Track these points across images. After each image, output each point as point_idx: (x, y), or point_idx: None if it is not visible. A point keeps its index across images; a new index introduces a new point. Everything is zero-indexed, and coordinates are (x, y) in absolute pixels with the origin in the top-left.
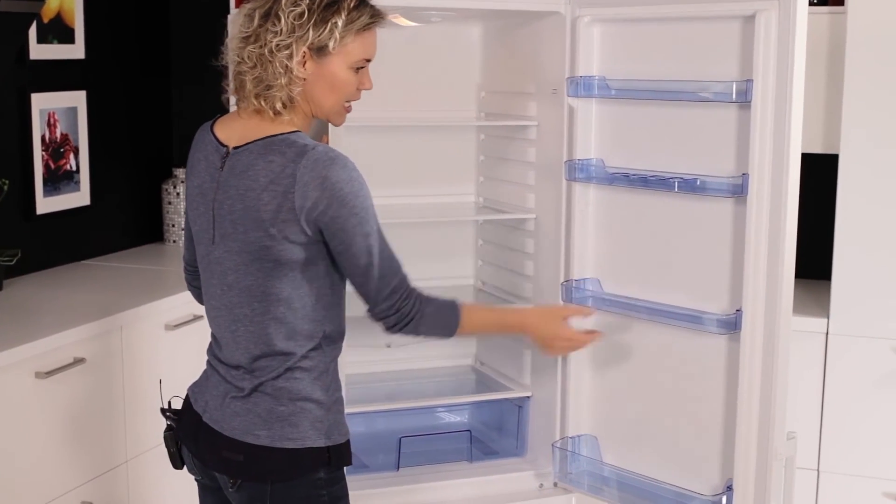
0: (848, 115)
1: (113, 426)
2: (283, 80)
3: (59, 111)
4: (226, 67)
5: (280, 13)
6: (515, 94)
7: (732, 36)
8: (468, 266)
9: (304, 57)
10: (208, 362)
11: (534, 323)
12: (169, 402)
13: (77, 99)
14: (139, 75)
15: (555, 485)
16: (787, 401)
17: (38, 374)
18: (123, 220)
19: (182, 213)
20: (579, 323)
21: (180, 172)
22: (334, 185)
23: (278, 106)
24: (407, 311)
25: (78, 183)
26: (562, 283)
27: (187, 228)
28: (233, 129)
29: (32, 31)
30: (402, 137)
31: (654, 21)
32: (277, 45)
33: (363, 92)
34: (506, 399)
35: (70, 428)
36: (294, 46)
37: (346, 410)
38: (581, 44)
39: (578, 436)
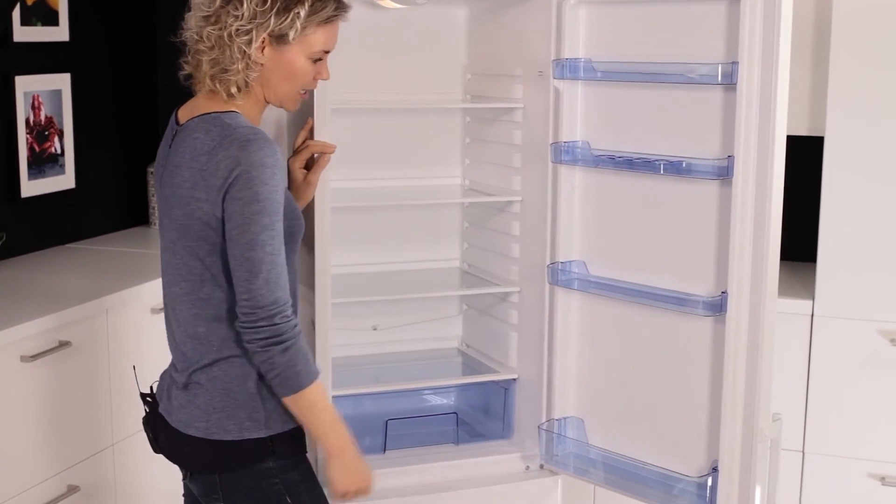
0: (833, 98)
1: (99, 409)
2: (241, 65)
3: (43, 94)
4: (183, 43)
5: None
6: (501, 77)
7: (718, 18)
8: (454, 249)
9: (263, 43)
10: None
11: (343, 462)
12: (151, 387)
13: (62, 81)
14: (124, 57)
15: (541, 467)
16: (773, 382)
17: (24, 358)
18: (109, 204)
19: None
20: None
21: None
22: (244, 167)
23: (233, 90)
24: (283, 332)
25: (63, 166)
26: (548, 266)
27: None
28: (189, 109)
29: (16, 14)
30: (388, 120)
31: (639, 3)
32: (237, 29)
33: (349, 76)
34: (492, 381)
35: (56, 411)
36: (254, 32)
37: (333, 393)
38: (567, 26)
39: (564, 418)
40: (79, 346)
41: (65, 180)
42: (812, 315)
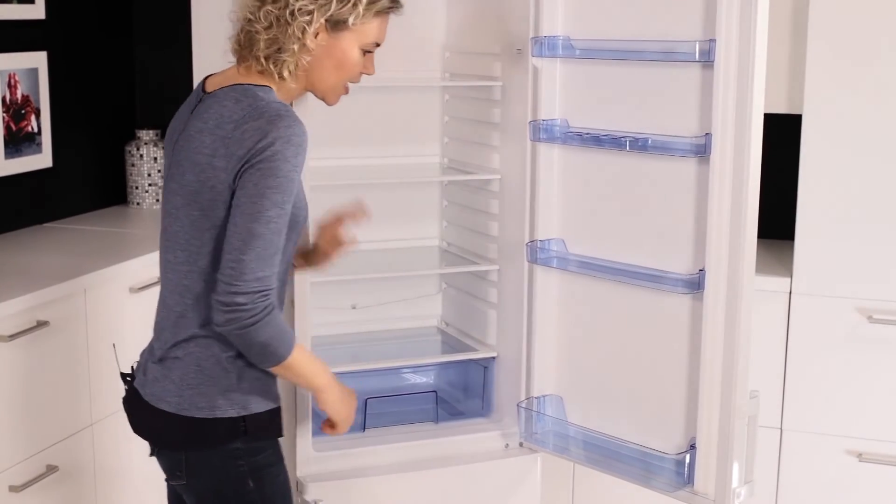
0: (811, 76)
1: (77, 389)
2: (296, 47)
3: (19, 72)
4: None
5: None
6: (480, 55)
7: None
8: (433, 227)
9: (319, 27)
10: None
11: (335, 397)
12: (132, 367)
13: (38, 60)
14: (101, 36)
15: (520, 445)
16: (750, 360)
17: (2, 338)
18: (86, 183)
19: (145, 175)
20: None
21: (143, 134)
22: (271, 140)
23: (285, 72)
24: (259, 310)
25: (40, 145)
26: (526, 244)
27: None
28: (219, 79)
29: None
30: (367, 98)
31: None
32: (300, 8)
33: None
34: (471, 360)
35: (34, 391)
36: (315, 14)
37: None
38: (545, 4)
39: (543, 396)
40: (57, 326)
41: (42, 159)
42: (790, 293)
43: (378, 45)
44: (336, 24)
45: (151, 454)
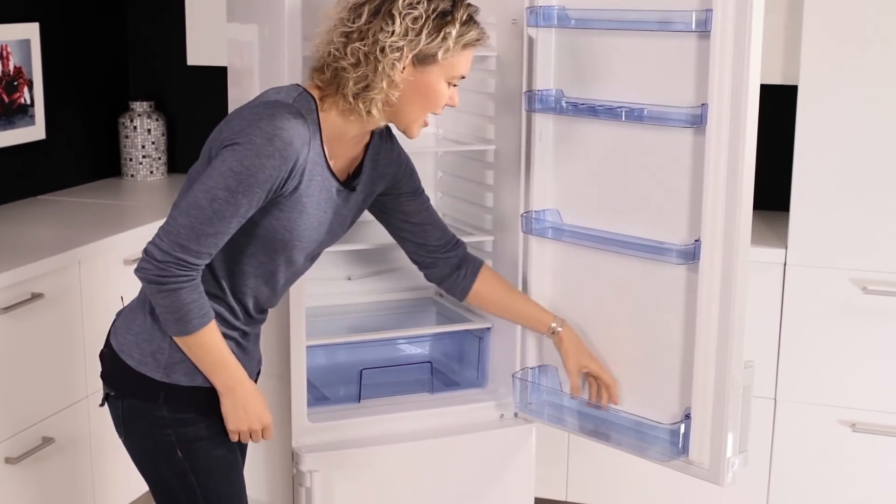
0: (807, 47)
1: (73, 361)
2: (384, 83)
3: (11, 44)
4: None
5: (395, 13)
6: None
7: None
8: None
9: (406, 63)
10: None
11: (229, 402)
12: None
13: (30, 31)
14: (93, 6)
15: (515, 415)
16: (745, 330)
17: None
18: (80, 155)
19: (139, 146)
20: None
21: (137, 106)
22: (246, 124)
23: (374, 111)
24: (168, 275)
25: (33, 117)
26: (521, 215)
27: None
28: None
29: None
30: None
31: None
32: (390, 45)
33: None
34: (466, 330)
35: (29, 363)
36: (405, 49)
37: (308, 343)
38: None
39: (538, 366)
40: (51, 298)
41: (35, 131)
42: (785, 264)
43: (463, 77)
44: (424, 59)
45: (101, 404)
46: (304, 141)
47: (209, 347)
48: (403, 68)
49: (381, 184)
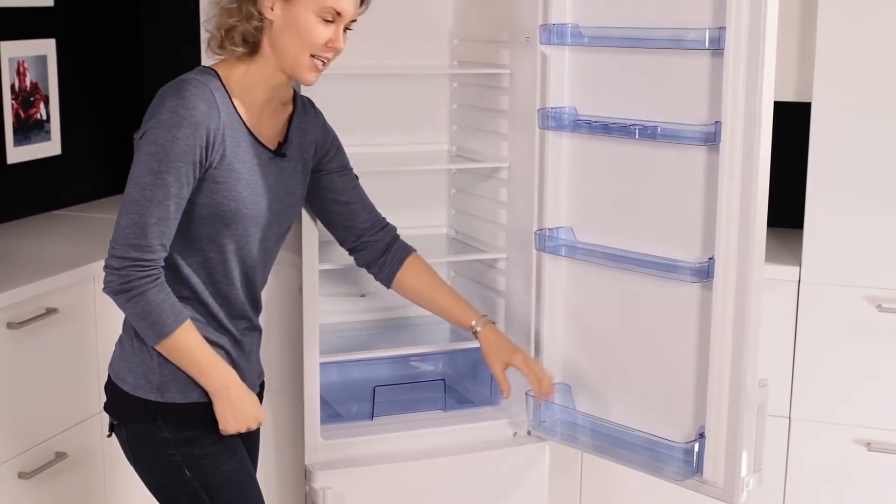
0: (821, 64)
1: (87, 376)
2: (257, 22)
3: (28, 60)
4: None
5: None
6: (488, 42)
7: None
8: (441, 215)
9: (273, 1)
10: None
11: (222, 401)
12: None
13: (47, 47)
14: (109, 22)
15: (528, 433)
16: (759, 348)
17: (11, 325)
18: (95, 170)
19: None
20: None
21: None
22: (156, 111)
23: (237, 41)
24: (129, 279)
25: (49, 132)
26: (535, 232)
27: None
28: None
29: None
30: (375, 86)
31: None
32: None
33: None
34: (479, 348)
35: (43, 378)
36: None
37: (321, 360)
38: None
39: (552, 384)
40: (66, 314)
41: (51, 147)
42: (799, 281)
43: (339, 13)
44: None
45: (108, 435)
46: (211, 103)
47: (192, 347)
48: (273, 6)
49: (311, 150)
